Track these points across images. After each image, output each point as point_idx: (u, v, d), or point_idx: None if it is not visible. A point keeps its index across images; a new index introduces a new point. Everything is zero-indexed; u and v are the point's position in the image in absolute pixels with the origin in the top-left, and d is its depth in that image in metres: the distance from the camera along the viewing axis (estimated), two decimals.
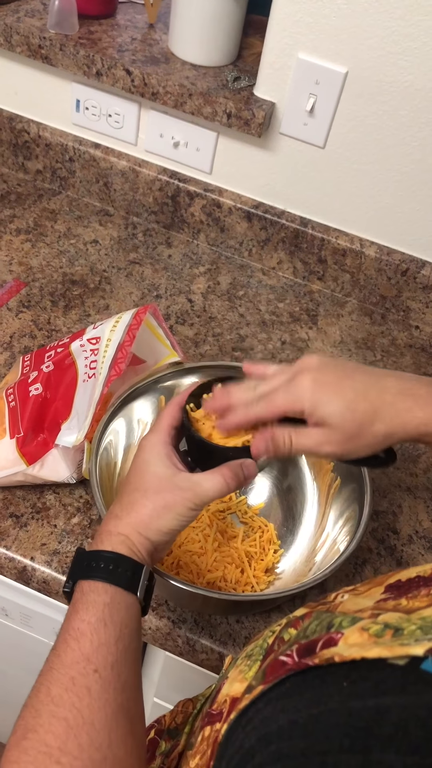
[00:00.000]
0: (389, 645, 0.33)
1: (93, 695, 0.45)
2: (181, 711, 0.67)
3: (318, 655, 0.35)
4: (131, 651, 0.49)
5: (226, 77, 1.02)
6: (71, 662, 0.46)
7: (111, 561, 0.52)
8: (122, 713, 0.45)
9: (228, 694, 0.45)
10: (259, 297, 1.12)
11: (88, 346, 0.77)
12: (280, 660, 0.38)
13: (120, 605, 0.50)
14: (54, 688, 0.45)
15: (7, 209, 1.16)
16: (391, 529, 0.86)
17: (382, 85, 0.93)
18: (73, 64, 1.03)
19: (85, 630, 0.48)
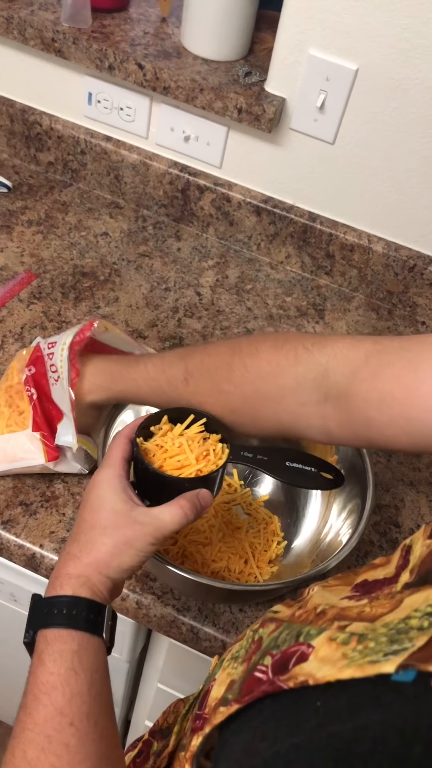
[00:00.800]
0: (360, 663, 0.33)
1: (72, 751, 0.43)
2: (172, 711, 0.68)
3: (291, 674, 0.35)
4: (104, 695, 0.48)
5: (238, 72, 1.03)
6: (44, 719, 0.44)
7: (74, 606, 0.50)
8: (103, 763, 0.44)
9: (216, 697, 0.45)
10: (267, 291, 1.13)
11: (47, 350, 0.77)
12: (256, 677, 0.38)
13: (88, 650, 0.49)
14: (30, 751, 0.43)
15: (19, 201, 1.17)
16: (393, 522, 0.87)
17: (392, 82, 0.94)
18: (85, 57, 1.04)
19: (56, 682, 0.46)
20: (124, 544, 0.53)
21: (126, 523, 0.54)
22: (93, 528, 0.54)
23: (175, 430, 0.64)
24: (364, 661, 0.32)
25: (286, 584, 0.67)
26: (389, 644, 0.33)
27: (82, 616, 0.49)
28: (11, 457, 0.78)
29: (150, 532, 0.54)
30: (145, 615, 0.76)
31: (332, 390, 0.56)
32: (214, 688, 0.47)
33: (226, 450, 0.63)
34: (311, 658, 0.35)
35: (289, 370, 0.59)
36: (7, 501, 0.79)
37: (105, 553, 0.53)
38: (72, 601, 0.50)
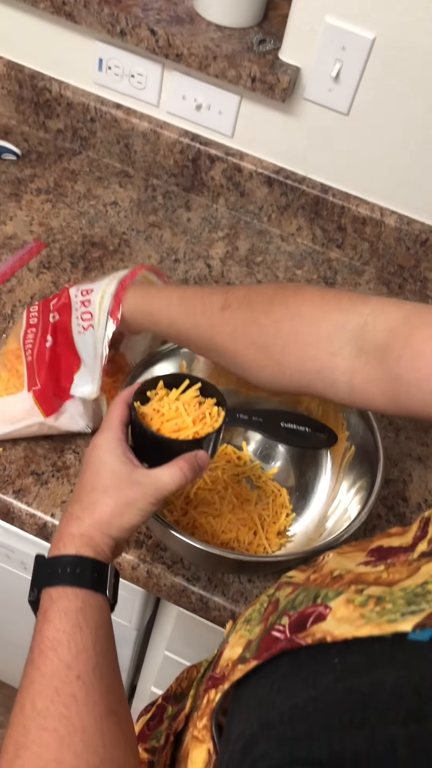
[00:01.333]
0: (378, 622, 0.33)
1: (80, 702, 0.45)
2: (186, 677, 0.69)
3: (309, 632, 0.36)
4: (109, 652, 0.49)
5: (251, 40, 1.01)
6: (52, 673, 0.46)
7: (77, 564, 0.51)
8: (110, 715, 0.46)
9: (230, 659, 0.46)
10: (277, 263, 1.12)
11: (80, 297, 0.77)
12: (273, 636, 0.39)
13: (92, 608, 0.50)
14: (39, 702, 0.45)
15: (28, 168, 1.16)
16: (401, 496, 0.88)
17: (409, 52, 0.92)
18: (96, 22, 1.02)
19: (62, 638, 0.47)
20: (126, 504, 0.54)
21: (127, 484, 0.55)
22: (95, 489, 0.55)
23: (171, 395, 0.64)
24: (382, 620, 0.33)
25: (296, 556, 0.68)
26: (406, 605, 0.34)
27: (85, 575, 0.51)
28: (11, 419, 0.78)
29: (150, 492, 0.55)
30: (155, 584, 0.77)
31: (367, 344, 0.57)
32: (226, 650, 0.49)
33: (222, 413, 0.64)
34: (329, 618, 0.36)
35: (330, 314, 0.59)
36: (18, 471, 0.80)
37: (107, 513, 0.54)
38: (75, 560, 0.51)
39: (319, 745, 0.30)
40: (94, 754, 0.43)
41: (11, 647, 1.27)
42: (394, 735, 0.29)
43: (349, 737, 0.30)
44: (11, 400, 0.77)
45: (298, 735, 0.32)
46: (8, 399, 0.78)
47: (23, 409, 0.77)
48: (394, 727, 0.29)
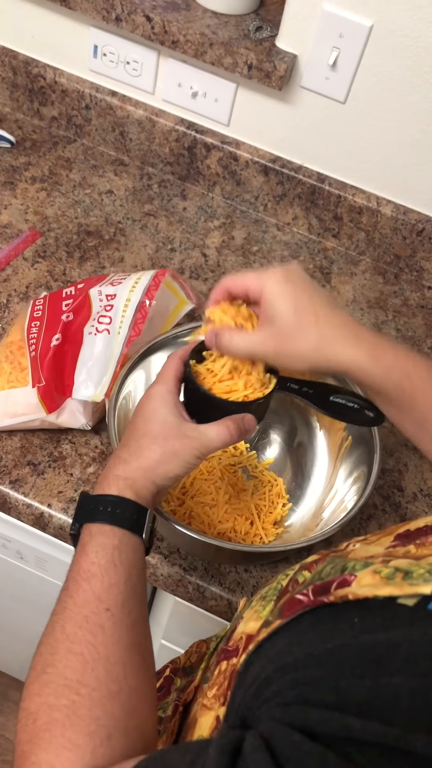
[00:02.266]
0: (399, 584, 0.35)
1: (106, 632, 0.47)
2: (195, 651, 0.71)
3: (333, 594, 0.37)
4: (139, 590, 0.51)
5: (248, 27, 1.00)
6: (84, 602, 0.48)
7: (118, 505, 0.54)
8: (134, 648, 0.48)
9: (244, 632, 0.47)
10: (274, 253, 1.12)
11: (104, 302, 0.78)
12: (296, 598, 0.41)
13: (127, 547, 0.52)
14: (69, 626, 0.47)
15: (23, 156, 1.15)
16: (397, 486, 0.88)
17: (407, 40, 0.92)
18: (92, 8, 1.01)
19: (96, 572, 0.50)
20: (172, 454, 0.56)
21: (175, 435, 0.57)
22: (144, 436, 0.57)
23: (226, 357, 0.64)
24: (404, 583, 0.35)
25: (293, 546, 0.68)
26: (430, 575, 0.35)
27: (125, 516, 0.53)
28: (12, 413, 0.78)
29: (196, 446, 0.57)
30: (152, 574, 0.77)
31: None
32: (240, 624, 0.50)
33: (273, 380, 0.65)
34: (353, 584, 0.37)
35: None
36: (15, 461, 0.80)
37: (153, 460, 0.56)
38: (117, 500, 0.54)
39: (328, 690, 0.32)
40: (114, 681, 0.45)
41: (7, 635, 1.28)
42: (397, 685, 0.30)
43: (356, 685, 0.31)
44: (14, 393, 0.77)
45: (309, 680, 0.34)
46: (11, 392, 0.78)
47: (27, 404, 0.77)
48: (399, 679, 0.31)
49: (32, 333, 0.79)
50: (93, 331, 0.76)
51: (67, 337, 0.77)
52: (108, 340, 0.75)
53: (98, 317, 0.76)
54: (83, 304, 0.79)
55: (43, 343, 0.77)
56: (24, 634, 1.18)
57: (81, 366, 0.76)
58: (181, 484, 0.80)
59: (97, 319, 0.76)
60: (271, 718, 0.34)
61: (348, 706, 0.31)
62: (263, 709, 0.36)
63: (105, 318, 0.75)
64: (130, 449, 0.57)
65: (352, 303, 1.08)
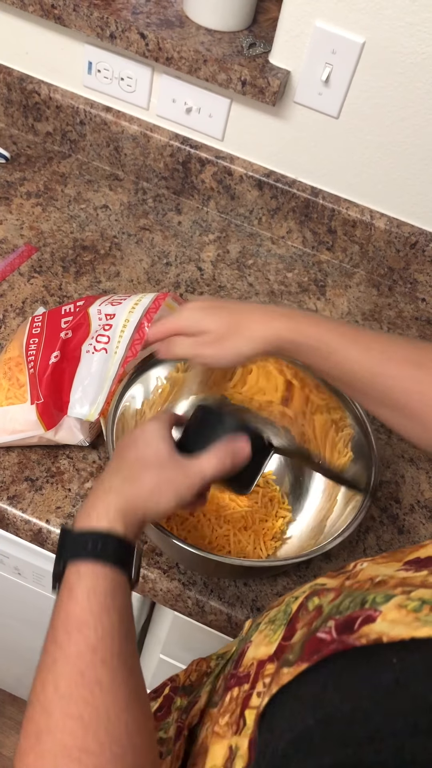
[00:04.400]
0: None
1: (104, 688, 0.44)
2: (195, 669, 0.69)
3: (359, 633, 0.35)
4: (131, 634, 0.48)
5: (242, 43, 1.01)
6: (77, 654, 0.45)
7: (109, 541, 0.50)
8: (134, 701, 0.45)
9: (255, 658, 0.45)
10: (268, 266, 1.13)
11: (103, 321, 0.78)
12: (318, 637, 0.38)
13: (119, 588, 0.49)
14: (62, 684, 0.44)
15: (18, 172, 1.15)
16: (394, 498, 0.89)
17: (399, 57, 0.93)
18: (86, 25, 1.02)
19: (88, 619, 0.46)
20: (167, 483, 0.55)
21: (170, 464, 0.56)
22: (137, 461, 0.56)
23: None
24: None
25: (292, 561, 0.68)
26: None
27: (115, 553, 0.50)
28: (11, 429, 0.78)
29: (190, 475, 0.56)
30: (151, 589, 0.77)
31: None
32: (250, 649, 0.48)
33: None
34: (379, 620, 0.35)
35: None
36: (12, 476, 0.80)
37: (146, 490, 0.54)
38: (106, 535, 0.50)
39: (386, 750, 0.30)
40: (117, 743, 0.42)
41: (4, 651, 1.27)
42: None
43: (420, 744, 0.29)
44: (12, 410, 0.77)
45: (363, 738, 0.31)
46: (9, 409, 0.77)
47: (25, 421, 0.77)
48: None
49: (31, 350, 0.79)
50: (91, 349, 0.76)
51: (65, 354, 0.77)
52: (105, 359, 0.75)
53: (97, 336, 0.76)
54: (82, 322, 0.79)
55: (42, 360, 0.78)
56: (21, 651, 1.18)
57: (77, 384, 0.76)
58: None
59: (96, 338, 0.76)
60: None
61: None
62: (308, 767, 0.33)
63: (103, 337, 0.76)
64: (122, 476, 0.54)
65: (347, 315, 1.09)
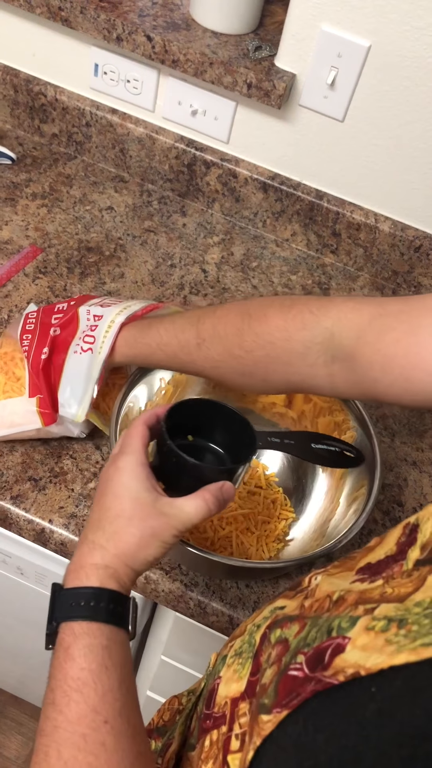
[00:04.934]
0: (412, 647, 0.31)
1: (109, 750, 0.42)
2: (167, 708, 0.68)
3: (333, 667, 0.34)
4: (132, 690, 0.47)
5: (248, 46, 1.02)
6: (78, 717, 0.43)
7: (101, 598, 0.49)
8: (139, 761, 0.44)
9: (227, 696, 0.44)
10: (273, 269, 1.13)
11: (90, 321, 0.78)
12: (291, 675, 0.37)
13: (117, 644, 0.48)
14: (65, 750, 0.42)
15: (23, 173, 1.16)
16: (396, 501, 0.89)
17: (404, 60, 0.93)
18: (93, 27, 1.02)
19: (87, 679, 0.45)
20: (151, 536, 0.53)
21: (152, 514, 0.53)
22: (119, 517, 0.53)
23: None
24: (416, 645, 0.31)
25: (295, 562, 0.68)
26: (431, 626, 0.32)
27: (109, 609, 0.49)
28: (8, 423, 0.79)
29: (174, 524, 0.54)
30: (153, 590, 0.77)
31: (338, 352, 0.60)
32: (221, 687, 0.46)
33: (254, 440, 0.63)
34: (349, 647, 0.34)
35: (297, 335, 0.62)
36: (16, 476, 0.80)
37: (132, 544, 0.52)
38: (99, 592, 0.49)
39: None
40: None
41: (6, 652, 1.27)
42: None
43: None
44: (11, 403, 0.78)
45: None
46: (8, 402, 0.78)
47: (24, 413, 0.77)
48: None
49: (24, 345, 0.80)
50: (78, 350, 0.76)
51: (53, 351, 0.78)
52: (90, 360, 0.75)
53: (84, 336, 0.77)
54: (71, 320, 0.79)
55: (35, 356, 0.78)
56: (24, 652, 1.18)
57: (65, 383, 0.76)
58: None
59: (83, 338, 0.76)
60: None
61: None
62: None
63: (90, 337, 0.76)
64: (106, 533, 0.53)
65: None
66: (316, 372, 0.62)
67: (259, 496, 0.83)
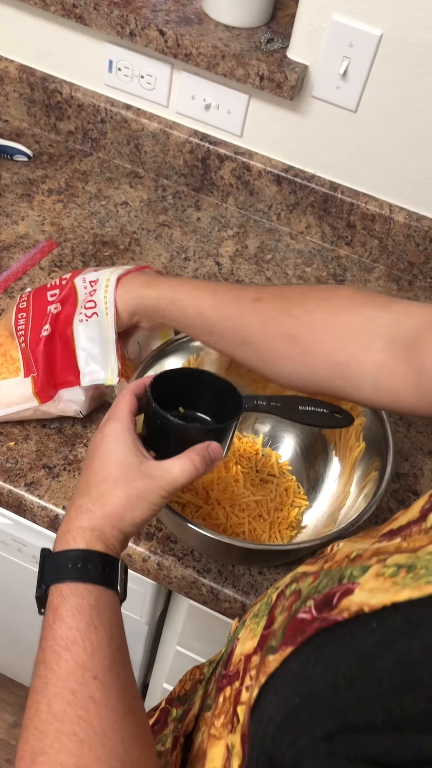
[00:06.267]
0: (413, 585, 0.32)
1: (98, 703, 0.43)
2: (189, 679, 0.68)
3: (339, 608, 0.35)
4: (123, 649, 0.48)
5: (259, 39, 1.02)
6: (67, 673, 0.44)
7: (88, 560, 0.50)
8: (129, 715, 0.44)
9: (242, 653, 0.45)
10: (287, 261, 1.13)
11: (88, 288, 0.79)
12: (299, 618, 0.38)
13: (105, 605, 0.48)
14: (55, 704, 0.43)
15: (40, 170, 1.17)
16: (412, 490, 0.88)
17: (416, 48, 0.93)
18: (106, 24, 1.03)
19: (76, 637, 0.46)
20: (137, 497, 0.53)
21: (138, 476, 0.54)
22: (104, 480, 0.54)
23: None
24: (420, 583, 0.32)
25: (307, 544, 0.68)
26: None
27: (97, 570, 0.49)
28: (5, 404, 0.80)
29: (161, 485, 0.54)
30: (165, 576, 0.77)
31: (396, 339, 0.58)
32: (238, 646, 0.47)
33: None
34: (357, 591, 0.35)
35: (363, 309, 0.61)
36: (30, 464, 0.81)
37: (118, 506, 0.53)
38: (86, 554, 0.50)
39: (374, 709, 0.29)
40: (115, 757, 0.42)
41: (24, 647, 1.28)
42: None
43: (407, 698, 0.29)
44: (7, 384, 0.79)
45: (349, 702, 0.31)
46: (3, 383, 0.79)
47: (20, 394, 0.78)
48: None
49: (20, 324, 0.80)
50: (84, 318, 0.76)
51: (57, 328, 0.78)
52: (99, 323, 0.75)
53: (85, 304, 0.77)
54: (69, 294, 0.79)
55: (32, 335, 0.78)
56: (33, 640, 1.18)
57: (82, 354, 0.75)
58: (203, 487, 0.80)
59: (84, 305, 0.77)
60: (316, 754, 0.31)
61: (405, 723, 0.28)
62: (300, 744, 0.32)
63: (90, 303, 0.76)
64: (92, 497, 0.53)
65: None
66: (365, 356, 0.59)
67: (272, 484, 0.83)
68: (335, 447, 0.83)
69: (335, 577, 0.38)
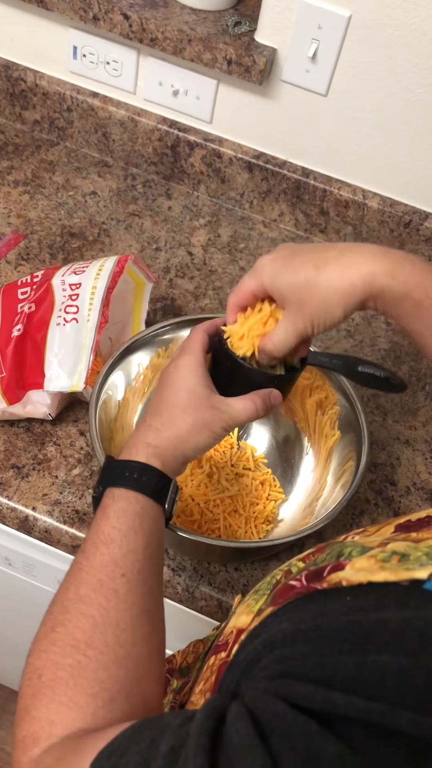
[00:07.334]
0: (394, 569, 0.34)
1: (120, 597, 0.47)
2: (192, 651, 0.70)
3: (326, 580, 0.37)
4: (156, 559, 0.51)
5: (227, 22, 1.00)
6: (100, 565, 0.48)
7: (144, 472, 0.54)
8: (146, 616, 0.48)
9: (235, 626, 0.47)
10: (260, 250, 1.11)
11: (68, 291, 0.77)
12: (289, 584, 0.40)
13: (149, 515, 0.52)
14: (82, 588, 0.47)
15: (5, 160, 1.14)
16: (389, 480, 0.87)
17: (386, 29, 0.91)
18: (69, 8, 1.00)
19: (116, 536, 0.50)
20: (203, 425, 0.57)
21: (206, 406, 0.57)
22: (175, 406, 0.57)
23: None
24: (399, 568, 0.34)
25: (283, 541, 0.66)
26: (427, 558, 0.35)
27: (150, 483, 0.53)
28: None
29: (224, 419, 0.58)
30: None
31: None
32: (232, 619, 0.49)
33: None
34: (347, 567, 0.37)
35: None
36: None
37: (185, 430, 0.56)
38: (143, 467, 0.54)
39: (314, 665, 0.32)
40: (122, 646, 0.45)
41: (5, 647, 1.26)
42: (385, 663, 0.30)
43: (340, 661, 0.31)
44: None
45: (296, 655, 0.33)
46: None
47: None
48: (387, 657, 0.30)
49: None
50: (61, 321, 0.75)
51: (29, 329, 0.76)
52: (77, 329, 0.74)
53: (65, 308, 0.75)
54: (45, 295, 0.77)
55: (3, 333, 0.76)
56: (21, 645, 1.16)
57: (51, 357, 0.75)
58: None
59: (64, 309, 0.75)
60: (256, 690, 0.34)
61: (333, 682, 0.30)
62: (250, 682, 0.36)
63: (72, 307, 0.75)
64: (162, 418, 0.57)
65: None
66: None
67: (248, 478, 0.81)
68: (310, 438, 0.81)
69: (335, 552, 0.40)
